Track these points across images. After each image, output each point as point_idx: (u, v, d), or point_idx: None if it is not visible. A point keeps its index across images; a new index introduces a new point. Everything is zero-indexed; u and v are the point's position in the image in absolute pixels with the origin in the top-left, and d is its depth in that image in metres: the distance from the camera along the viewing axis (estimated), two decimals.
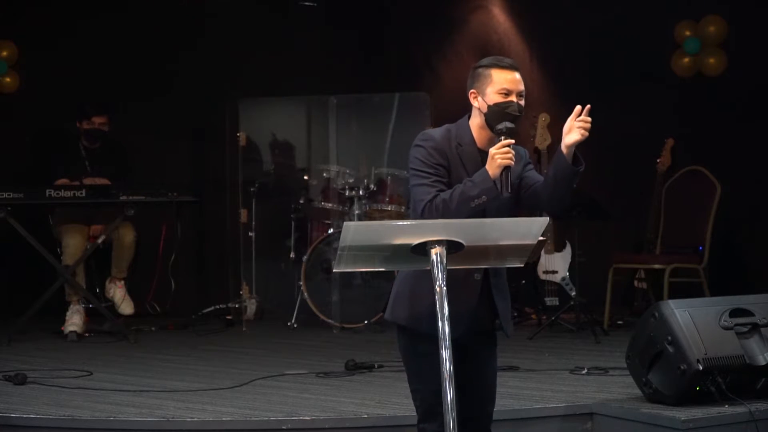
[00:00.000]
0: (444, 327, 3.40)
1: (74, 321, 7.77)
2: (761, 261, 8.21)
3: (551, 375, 6.04)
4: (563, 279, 8.00)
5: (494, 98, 3.85)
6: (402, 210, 8.28)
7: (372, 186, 8.32)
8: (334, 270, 3.56)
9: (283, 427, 4.98)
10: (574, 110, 3.80)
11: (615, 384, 5.64)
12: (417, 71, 9.46)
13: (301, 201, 8.66)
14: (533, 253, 7.57)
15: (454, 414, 3.39)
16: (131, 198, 7.61)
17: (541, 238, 6.24)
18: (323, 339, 7.74)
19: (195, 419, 5.07)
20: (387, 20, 9.52)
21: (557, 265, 8.09)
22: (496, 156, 3.73)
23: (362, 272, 7.68)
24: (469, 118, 3.94)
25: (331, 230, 8.24)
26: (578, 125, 3.77)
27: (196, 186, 8.60)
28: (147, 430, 5.02)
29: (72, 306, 7.84)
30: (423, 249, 3.42)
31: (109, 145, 8.20)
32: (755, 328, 5.04)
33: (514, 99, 3.85)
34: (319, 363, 6.55)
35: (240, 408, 5.30)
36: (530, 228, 3.49)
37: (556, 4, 8.88)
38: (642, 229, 8.25)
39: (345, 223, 3.39)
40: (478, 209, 3.73)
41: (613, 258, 7.94)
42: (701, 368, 4.87)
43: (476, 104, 3.90)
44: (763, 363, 4.97)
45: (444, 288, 3.41)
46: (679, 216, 8.07)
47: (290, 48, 9.19)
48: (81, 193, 7.53)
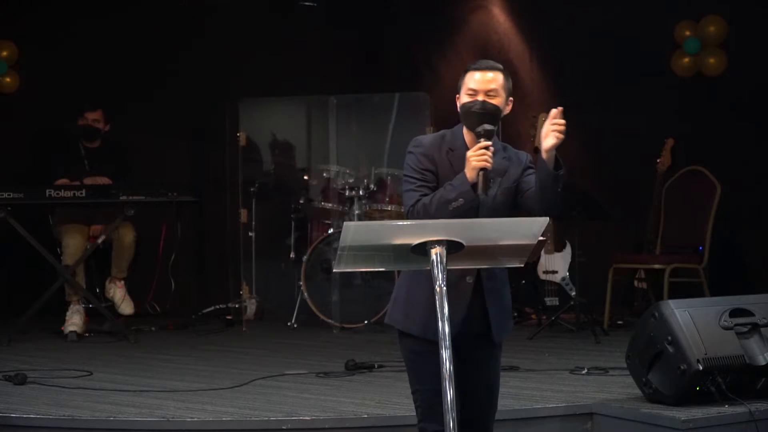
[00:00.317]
0: (444, 327, 3.40)
1: (74, 321, 7.76)
2: (761, 261, 8.21)
3: (551, 375, 6.04)
4: (563, 279, 8.00)
5: (464, 99, 3.90)
6: (402, 210, 8.27)
7: (372, 186, 8.32)
8: (334, 270, 3.56)
9: (283, 427, 4.98)
10: (550, 114, 3.80)
11: (615, 384, 5.64)
12: (417, 71, 9.46)
13: (301, 201, 8.66)
14: (533, 253, 7.57)
15: (455, 414, 3.39)
16: (131, 198, 7.61)
17: (541, 238, 6.24)
18: (323, 339, 7.74)
19: (195, 419, 5.07)
20: (387, 20, 9.52)
21: (557, 265, 8.09)
22: (471, 158, 3.77)
23: (362, 272, 7.69)
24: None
25: (331, 230, 8.24)
26: (552, 129, 3.79)
27: (196, 186, 8.60)
28: (147, 430, 5.03)
29: (72, 306, 7.84)
30: (423, 249, 3.41)
31: (109, 145, 8.20)
32: (755, 328, 5.05)
33: (480, 98, 3.87)
34: (319, 363, 6.55)
35: (240, 408, 5.30)
36: (530, 228, 3.49)
37: (556, 4, 8.88)
38: (642, 229, 8.25)
39: (345, 223, 3.39)
40: (458, 212, 3.74)
41: (613, 258, 7.94)
42: (701, 368, 4.87)
43: (458, 108, 3.95)
44: (763, 363, 4.97)
45: (444, 288, 3.41)
46: (679, 216, 8.07)
47: (290, 48, 9.20)
48: (81, 193, 7.53)
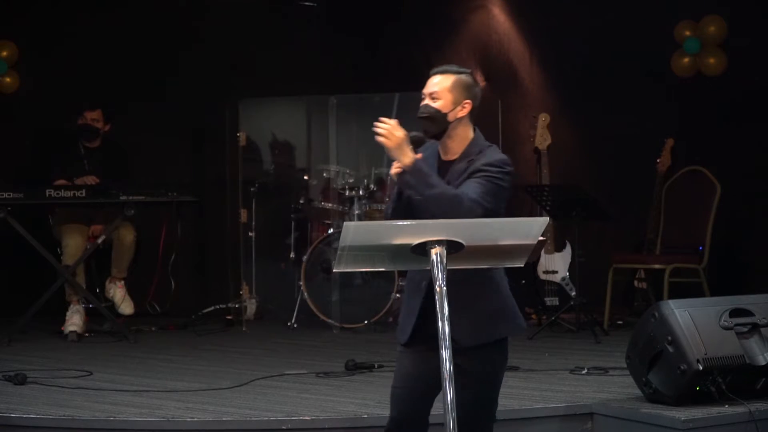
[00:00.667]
0: (444, 327, 3.41)
1: (74, 321, 7.76)
2: (761, 261, 8.21)
3: (551, 375, 6.05)
4: (563, 279, 8.01)
5: None
6: None
7: (372, 186, 8.33)
8: (334, 270, 3.56)
9: (283, 427, 4.99)
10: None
11: (615, 384, 5.65)
12: (417, 71, 9.41)
13: (301, 201, 8.67)
14: (533, 253, 7.57)
15: (455, 414, 3.40)
16: (131, 198, 7.61)
17: (541, 238, 6.25)
18: (323, 339, 7.74)
19: (195, 419, 5.08)
20: (387, 20, 9.51)
21: (557, 265, 8.09)
22: (393, 166, 3.84)
23: (362, 272, 7.69)
24: None
25: (331, 230, 8.24)
26: (376, 131, 3.81)
27: (196, 186, 8.60)
28: (147, 430, 5.03)
29: (72, 306, 7.84)
30: (423, 249, 3.42)
31: (109, 146, 8.20)
32: (755, 328, 5.05)
33: (424, 101, 3.92)
34: (319, 363, 6.55)
35: (240, 408, 5.30)
36: (530, 228, 3.49)
37: (556, 4, 8.87)
38: (642, 229, 8.25)
39: (345, 223, 3.39)
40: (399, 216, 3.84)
41: (613, 258, 7.94)
42: (701, 368, 4.87)
43: None
44: (763, 363, 4.97)
45: (444, 288, 3.41)
46: (679, 216, 8.07)
47: (290, 48, 9.19)
48: (81, 193, 7.53)
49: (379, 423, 5.02)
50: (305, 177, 8.85)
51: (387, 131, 3.80)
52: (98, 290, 8.27)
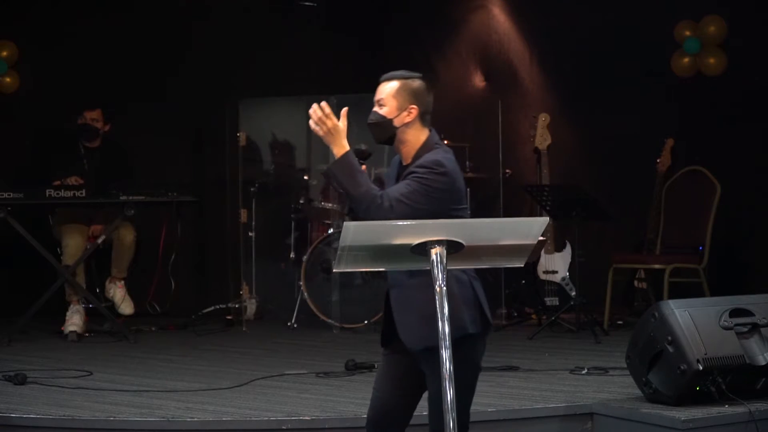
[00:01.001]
0: (444, 327, 3.41)
1: (74, 321, 7.76)
2: (761, 261, 8.21)
3: (551, 375, 6.05)
4: (563, 279, 8.01)
5: None
6: None
7: None
8: (334, 270, 3.56)
9: (283, 427, 4.99)
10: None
11: (615, 384, 5.65)
12: (417, 71, 9.42)
13: (301, 201, 8.66)
14: (533, 253, 7.57)
15: (455, 414, 3.40)
16: (131, 198, 7.61)
17: (541, 238, 6.25)
18: (323, 339, 7.74)
19: (195, 419, 5.08)
20: (387, 20, 9.51)
21: (557, 265, 8.09)
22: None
23: (362, 272, 7.68)
24: None
25: (331, 230, 8.24)
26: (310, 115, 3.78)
27: (196, 186, 8.60)
28: (147, 430, 5.03)
29: (72, 306, 7.83)
30: (423, 249, 3.42)
31: (109, 146, 8.19)
32: (755, 328, 5.05)
33: (374, 109, 3.93)
34: (319, 363, 6.55)
35: (240, 408, 5.30)
36: (530, 228, 3.49)
37: (556, 4, 8.87)
38: (642, 229, 8.25)
39: (345, 223, 3.39)
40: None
41: (613, 258, 7.94)
42: (701, 368, 4.87)
43: None
44: (763, 363, 4.97)
45: (444, 288, 3.42)
46: (679, 216, 8.07)
47: (290, 48, 9.19)
48: (81, 193, 7.53)
49: None
50: (305, 177, 8.84)
51: (319, 118, 3.78)
52: (98, 290, 8.27)
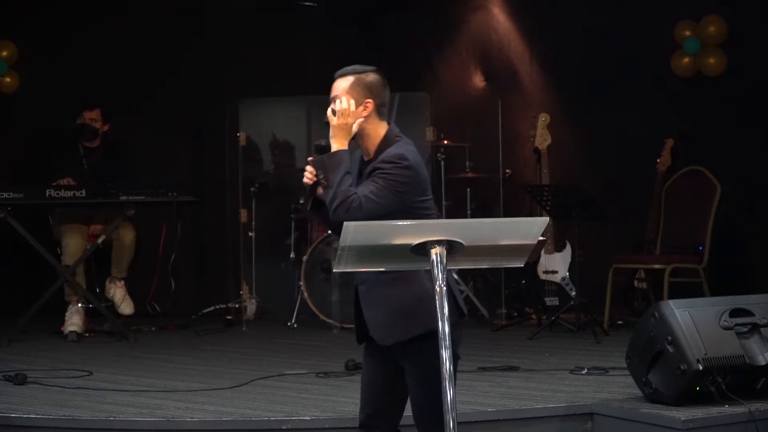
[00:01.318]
0: (444, 327, 3.41)
1: (74, 321, 7.76)
2: (761, 261, 8.21)
3: (551, 375, 6.05)
4: (563, 279, 8.01)
5: None
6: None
7: None
8: (334, 270, 3.55)
9: (283, 427, 4.99)
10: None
11: (615, 384, 5.64)
12: (417, 71, 9.45)
13: (301, 201, 8.66)
14: (533, 253, 7.57)
15: (455, 414, 3.40)
16: (131, 198, 7.61)
17: (541, 238, 6.25)
18: (323, 339, 7.74)
19: (195, 419, 5.08)
20: (387, 20, 9.51)
21: (557, 265, 8.08)
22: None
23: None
24: None
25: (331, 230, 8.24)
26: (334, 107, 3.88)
27: (196, 186, 8.59)
28: (147, 430, 5.03)
29: (71, 306, 7.83)
30: (423, 249, 3.42)
31: (109, 145, 8.19)
32: (755, 328, 5.05)
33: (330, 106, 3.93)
34: (319, 363, 6.55)
35: (240, 408, 5.30)
36: (530, 228, 3.49)
37: (556, 4, 8.87)
38: (642, 229, 8.25)
39: (345, 223, 3.39)
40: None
41: (613, 258, 7.93)
42: (701, 368, 4.87)
43: None
44: (763, 363, 4.97)
45: (444, 288, 3.42)
46: (679, 216, 8.07)
47: (290, 48, 9.19)
48: (81, 193, 7.54)
49: None
50: None
51: (344, 110, 3.86)
52: (98, 290, 8.27)
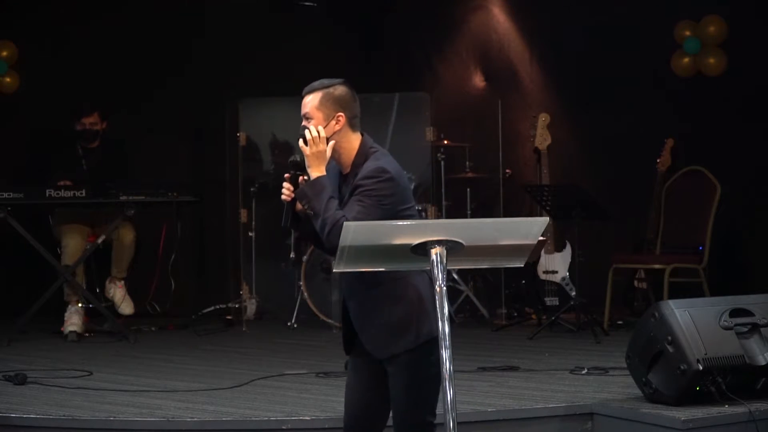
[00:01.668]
0: (444, 327, 3.40)
1: (73, 321, 7.76)
2: (761, 261, 8.21)
3: (551, 375, 6.05)
4: (563, 279, 8.01)
5: None
6: None
7: None
8: (334, 270, 3.54)
9: (283, 427, 4.99)
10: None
11: (615, 384, 5.64)
12: (417, 71, 9.45)
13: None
14: (533, 253, 7.57)
15: (455, 414, 3.39)
16: (131, 198, 7.62)
17: (541, 238, 6.25)
18: (323, 339, 7.74)
19: (195, 419, 5.08)
20: (387, 20, 9.51)
21: (557, 265, 8.08)
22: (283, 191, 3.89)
23: None
24: None
25: None
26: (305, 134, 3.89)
27: (196, 186, 8.60)
28: (147, 430, 5.03)
29: (70, 307, 7.83)
30: (423, 249, 3.41)
31: (108, 145, 8.19)
32: (755, 328, 5.05)
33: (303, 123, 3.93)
34: (319, 363, 6.55)
35: (240, 408, 5.30)
36: (530, 228, 3.49)
37: (556, 4, 8.87)
38: (642, 229, 8.25)
39: (345, 223, 3.39)
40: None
41: (613, 258, 7.93)
42: (701, 368, 4.87)
43: None
44: (763, 363, 4.97)
45: (444, 288, 3.41)
46: (679, 216, 8.07)
47: (290, 48, 9.19)
48: (81, 193, 7.54)
49: None
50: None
51: (315, 138, 3.85)
52: (98, 290, 8.27)
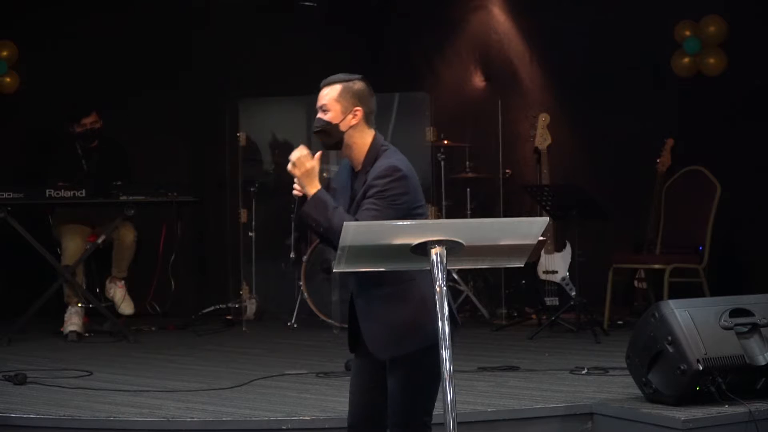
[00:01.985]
0: (444, 327, 3.40)
1: (73, 321, 7.76)
2: (761, 261, 8.21)
3: (551, 375, 6.05)
4: (563, 279, 8.01)
5: None
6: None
7: None
8: (334, 270, 3.54)
9: (283, 427, 4.99)
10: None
11: (615, 384, 5.65)
12: (417, 71, 9.45)
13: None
14: (533, 253, 7.57)
15: (455, 414, 3.40)
16: (131, 198, 7.62)
17: (541, 238, 6.25)
18: (323, 339, 7.74)
19: (195, 419, 5.08)
20: (387, 20, 9.51)
21: (557, 265, 8.09)
22: (294, 189, 3.86)
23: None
24: None
25: None
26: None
27: (196, 186, 8.60)
28: (147, 430, 5.03)
29: (70, 307, 7.83)
30: (423, 249, 3.42)
31: (107, 145, 8.19)
32: (755, 328, 5.05)
33: (318, 116, 3.95)
34: (319, 363, 6.55)
35: (240, 408, 5.30)
36: (530, 228, 3.49)
37: (556, 4, 8.87)
38: (642, 229, 8.25)
39: (345, 223, 3.39)
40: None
41: (613, 258, 7.94)
42: (701, 368, 4.87)
43: None
44: (763, 363, 4.97)
45: (444, 288, 3.42)
46: (679, 216, 8.07)
47: (290, 48, 9.19)
48: (81, 193, 7.54)
49: None
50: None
51: (297, 159, 3.82)
52: (98, 290, 8.27)
